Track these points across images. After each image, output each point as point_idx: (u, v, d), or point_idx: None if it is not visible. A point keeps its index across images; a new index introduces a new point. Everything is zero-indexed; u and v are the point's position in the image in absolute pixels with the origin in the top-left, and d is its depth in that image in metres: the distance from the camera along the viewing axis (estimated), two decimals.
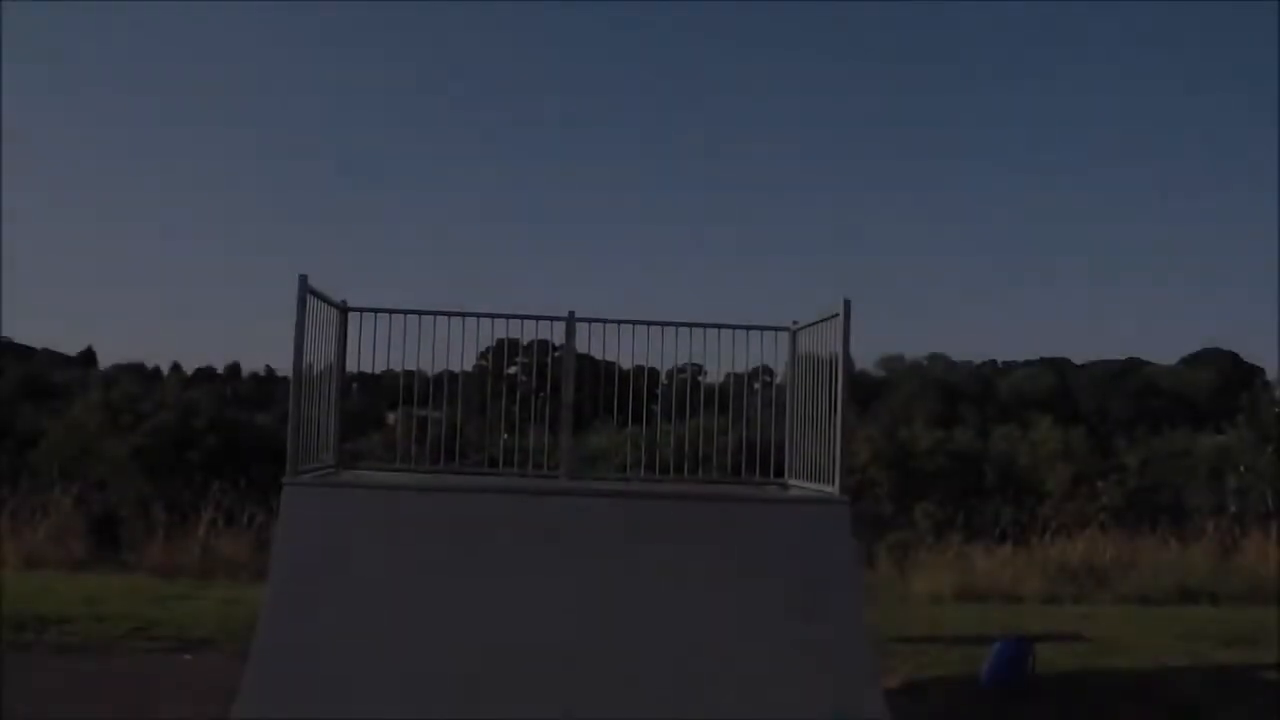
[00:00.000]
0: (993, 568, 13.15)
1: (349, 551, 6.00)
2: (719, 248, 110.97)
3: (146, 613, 9.22)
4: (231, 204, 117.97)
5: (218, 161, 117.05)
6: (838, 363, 6.47)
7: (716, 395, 8.18)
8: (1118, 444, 34.13)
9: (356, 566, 5.96)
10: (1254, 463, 18.27)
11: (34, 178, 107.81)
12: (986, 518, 18.23)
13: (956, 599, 12.14)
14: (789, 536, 6.33)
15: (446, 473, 7.53)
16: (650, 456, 8.20)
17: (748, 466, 7.86)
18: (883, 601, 11.57)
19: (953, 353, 76.81)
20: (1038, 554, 13.64)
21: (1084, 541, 14.25)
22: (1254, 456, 18.39)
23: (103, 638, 8.44)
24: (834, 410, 6.47)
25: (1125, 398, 68.00)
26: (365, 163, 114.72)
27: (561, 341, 7.26)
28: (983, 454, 28.84)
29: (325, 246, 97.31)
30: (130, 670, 7.67)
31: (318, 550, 6.00)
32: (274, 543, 6.60)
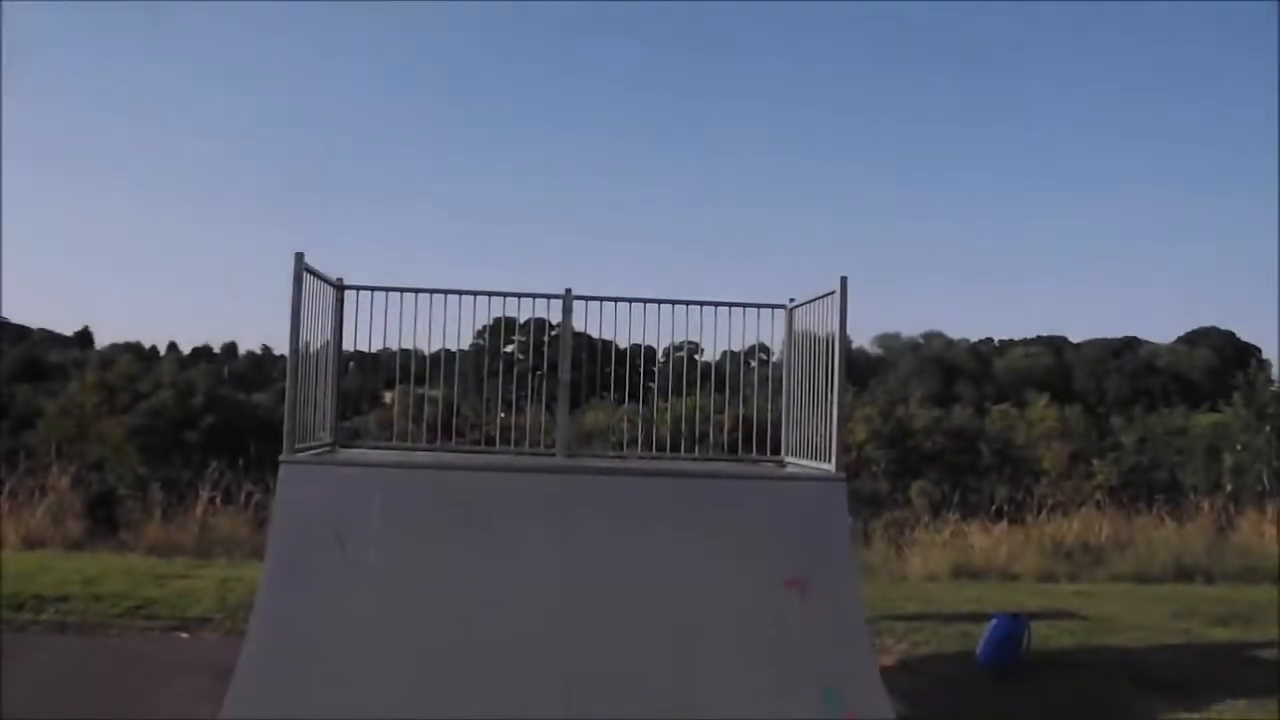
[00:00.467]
0: (989, 546, 13.20)
1: (346, 530, 5.99)
2: (717, 225, 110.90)
3: (144, 591, 9.23)
4: (228, 181, 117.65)
5: (215, 140, 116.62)
6: (834, 341, 6.45)
7: (713, 373, 8.15)
8: (1114, 422, 34.31)
9: (354, 545, 5.96)
10: (1250, 442, 18.33)
11: (30, 157, 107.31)
12: (983, 496, 18.33)
13: (952, 577, 12.19)
14: (785, 514, 6.32)
15: (443, 451, 7.50)
16: (647, 434, 8.21)
17: (744, 444, 7.85)
18: (879, 579, 11.63)
19: (950, 331, 76.91)
20: (1034, 532, 13.68)
21: (1080, 520, 14.30)
22: (1250, 435, 18.44)
23: (100, 617, 8.45)
24: (830, 388, 6.45)
25: (1122, 376, 68.17)
26: (362, 140, 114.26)
27: (558, 319, 7.22)
28: (979, 432, 28.95)
29: (322, 223, 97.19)
30: (128, 649, 7.69)
31: (315, 528, 5.99)
32: (271, 521, 6.60)
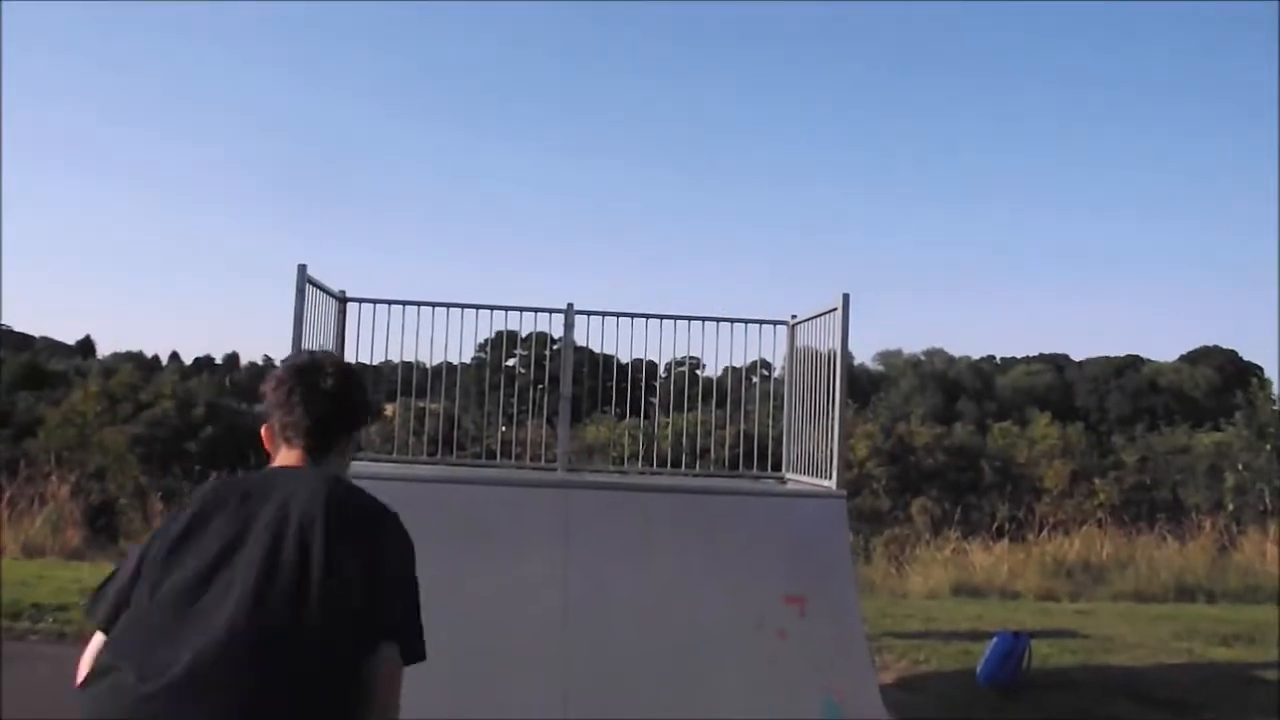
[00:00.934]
0: (990, 564, 13.16)
1: None
2: (719, 240, 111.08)
3: None
4: (232, 191, 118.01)
5: (216, 149, 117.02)
6: (836, 357, 6.45)
7: (715, 389, 8.16)
8: (1116, 441, 34.25)
9: None
10: (1252, 461, 18.29)
11: (32, 163, 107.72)
12: (984, 513, 18.28)
13: (953, 595, 12.14)
14: (786, 530, 6.31)
15: (444, 464, 7.49)
16: (648, 449, 8.20)
17: (745, 460, 7.83)
18: (879, 596, 11.59)
19: (951, 348, 76.78)
20: (1035, 551, 13.64)
21: (1081, 538, 14.27)
22: (1252, 454, 18.41)
23: None
24: (832, 404, 6.45)
25: (1124, 395, 68.04)
26: (365, 152, 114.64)
27: (560, 334, 7.22)
28: (981, 450, 28.87)
29: (324, 236, 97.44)
30: None
31: None
32: None
